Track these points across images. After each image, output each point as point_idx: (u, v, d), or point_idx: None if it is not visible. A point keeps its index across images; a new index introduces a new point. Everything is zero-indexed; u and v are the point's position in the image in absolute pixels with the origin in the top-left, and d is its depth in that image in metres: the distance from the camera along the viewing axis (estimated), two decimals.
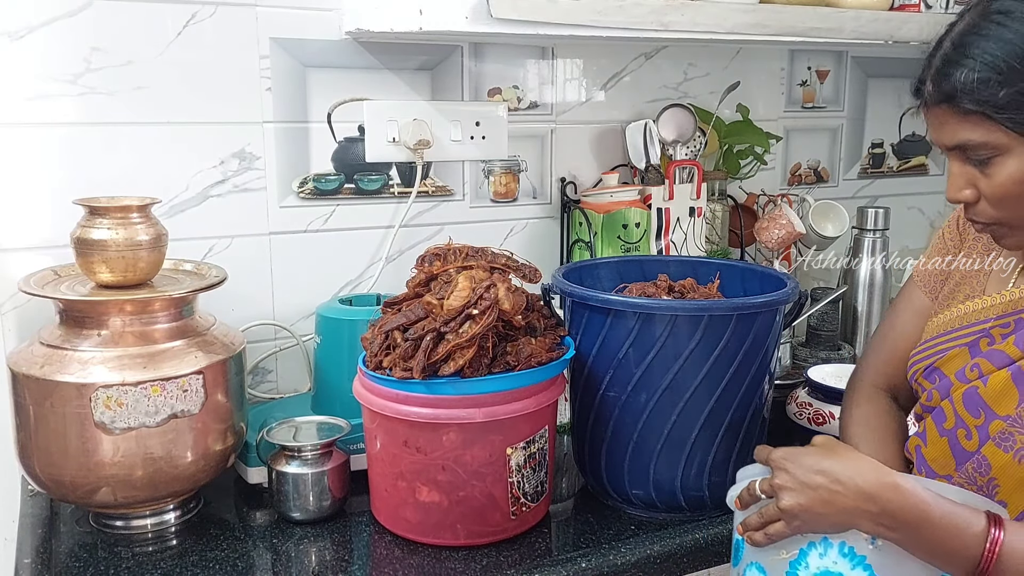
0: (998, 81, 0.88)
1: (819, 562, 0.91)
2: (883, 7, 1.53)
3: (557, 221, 1.70)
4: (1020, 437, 0.94)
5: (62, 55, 1.29)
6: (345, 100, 1.48)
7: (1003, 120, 0.89)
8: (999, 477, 0.96)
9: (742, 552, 1.00)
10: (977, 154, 0.93)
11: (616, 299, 1.20)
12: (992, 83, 0.88)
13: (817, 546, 0.92)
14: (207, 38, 1.36)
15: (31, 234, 1.31)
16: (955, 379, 1.02)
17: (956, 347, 1.03)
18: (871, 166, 2.09)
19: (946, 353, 1.04)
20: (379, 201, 1.55)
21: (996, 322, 1.01)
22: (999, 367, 0.97)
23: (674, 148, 1.66)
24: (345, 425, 1.26)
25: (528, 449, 1.15)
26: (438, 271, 1.18)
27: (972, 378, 0.99)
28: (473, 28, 1.22)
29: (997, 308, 1.01)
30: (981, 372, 0.99)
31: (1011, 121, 0.89)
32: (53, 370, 1.10)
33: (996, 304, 1.02)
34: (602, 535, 1.20)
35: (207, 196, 1.41)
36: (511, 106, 1.62)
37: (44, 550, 1.15)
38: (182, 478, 1.17)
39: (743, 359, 1.18)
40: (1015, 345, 0.97)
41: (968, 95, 0.89)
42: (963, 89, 0.90)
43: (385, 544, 1.16)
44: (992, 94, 0.88)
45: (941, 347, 1.05)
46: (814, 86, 1.95)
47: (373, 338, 1.15)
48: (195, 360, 1.15)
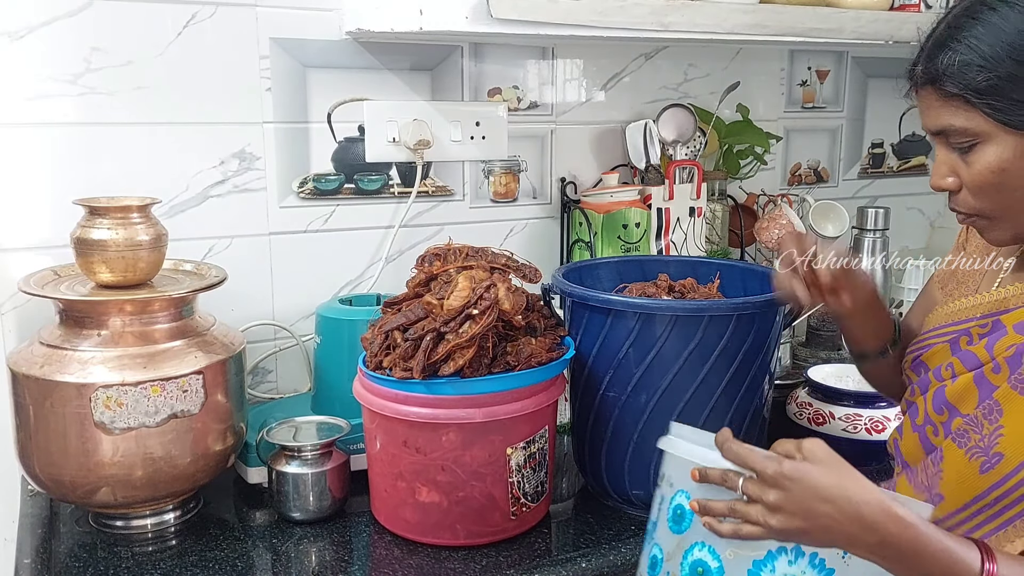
0: (979, 66, 0.87)
1: (787, 568, 0.89)
2: (883, 7, 1.53)
3: (557, 221, 1.70)
4: (975, 436, 0.95)
5: (62, 55, 1.29)
6: (345, 100, 1.49)
7: (982, 106, 0.88)
8: (947, 470, 0.97)
9: (687, 522, 0.94)
10: (958, 140, 0.92)
11: (616, 299, 1.20)
12: (973, 67, 0.87)
13: (788, 552, 0.89)
14: (207, 38, 1.36)
15: (31, 234, 1.31)
16: (933, 377, 1.02)
17: (941, 343, 1.04)
18: (871, 166, 2.09)
19: (931, 347, 1.05)
20: (379, 201, 1.55)
21: (978, 322, 1.01)
22: (968, 369, 0.98)
23: (674, 148, 1.66)
24: (345, 425, 1.26)
25: (528, 449, 1.15)
26: (438, 271, 1.18)
27: (945, 377, 1.00)
28: (473, 28, 1.22)
29: (982, 307, 1.02)
30: (953, 372, 0.99)
31: (990, 107, 0.88)
32: (53, 370, 1.10)
33: (982, 303, 1.02)
34: (602, 535, 1.20)
35: (207, 196, 1.41)
36: (511, 106, 1.62)
37: (44, 550, 1.15)
38: (182, 478, 1.17)
39: (743, 359, 1.18)
40: (985, 348, 0.97)
41: (950, 77, 0.89)
42: (946, 71, 0.89)
43: (385, 544, 1.16)
44: (972, 78, 0.87)
45: (929, 341, 1.06)
46: (814, 86, 1.95)
47: (373, 338, 1.15)
48: (195, 360, 1.15)
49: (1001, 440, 0.93)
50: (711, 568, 0.92)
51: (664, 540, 0.97)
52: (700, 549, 0.93)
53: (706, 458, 0.93)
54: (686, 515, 0.95)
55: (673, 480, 0.97)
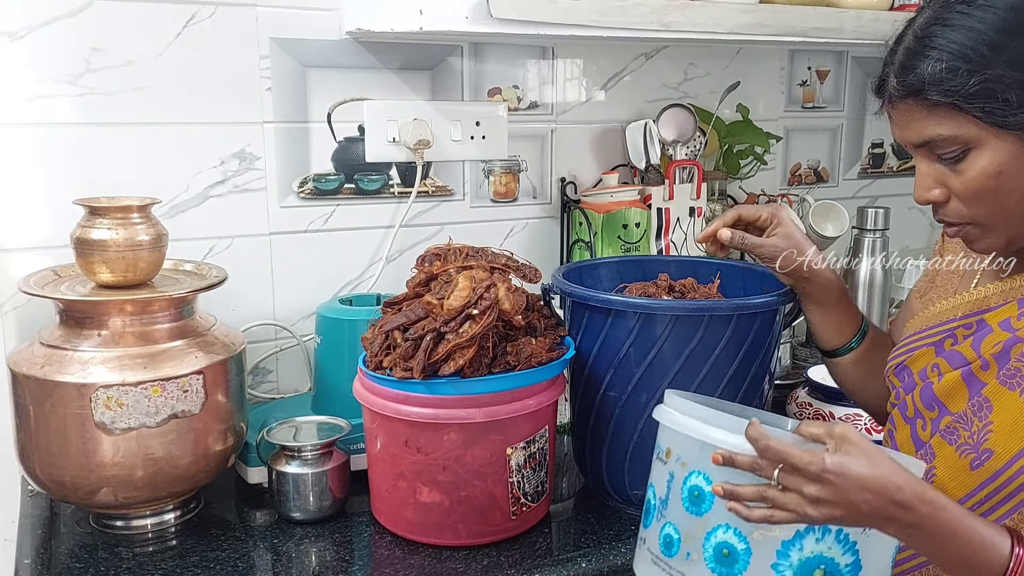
0: (967, 70, 0.86)
1: (814, 546, 0.88)
2: (883, 7, 1.54)
3: (557, 221, 1.70)
4: (964, 433, 0.96)
5: (62, 55, 1.29)
6: (345, 100, 1.48)
7: (973, 110, 0.87)
8: (938, 468, 0.98)
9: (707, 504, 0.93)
10: (946, 150, 0.90)
11: (616, 299, 1.20)
12: (961, 72, 0.86)
13: (815, 531, 0.89)
14: (207, 38, 1.36)
15: (31, 234, 1.31)
16: (918, 378, 1.03)
17: (924, 346, 1.04)
18: (871, 166, 2.09)
19: (915, 352, 1.05)
20: (379, 201, 1.55)
21: (960, 322, 1.01)
22: (954, 368, 0.98)
23: (674, 148, 1.66)
24: (345, 425, 1.26)
25: (528, 449, 1.15)
26: (438, 271, 1.18)
27: (931, 376, 1.01)
28: (473, 28, 1.22)
29: (963, 308, 1.02)
30: (939, 371, 1.00)
31: (981, 111, 0.86)
32: (53, 370, 1.10)
33: (962, 304, 1.02)
34: (602, 535, 1.20)
35: (207, 196, 1.41)
36: (511, 106, 1.62)
37: (44, 550, 1.14)
38: (182, 478, 1.17)
39: (743, 359, 1.18)
40: (971, 347, 0.97)
41: (936, 86, 0.87)
42: (931, 81, 0.87)
43: (386, 544, 1.16)
44: (962, 83, 0.86)
45: (911, 346, 1.06)
46: (814, 86, 1.95)
47: (373, 338, 1.15)
48: (195, 360, 1.15)
49: (991, 436, 0.93)
50: (738, 550, 0.90)
51: (680, 520, 0.95)
52: (725, 531, 0.91)
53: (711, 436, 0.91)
54: (705, 497, 0.93)
55: (684, 458, 0.95)
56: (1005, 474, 0.92)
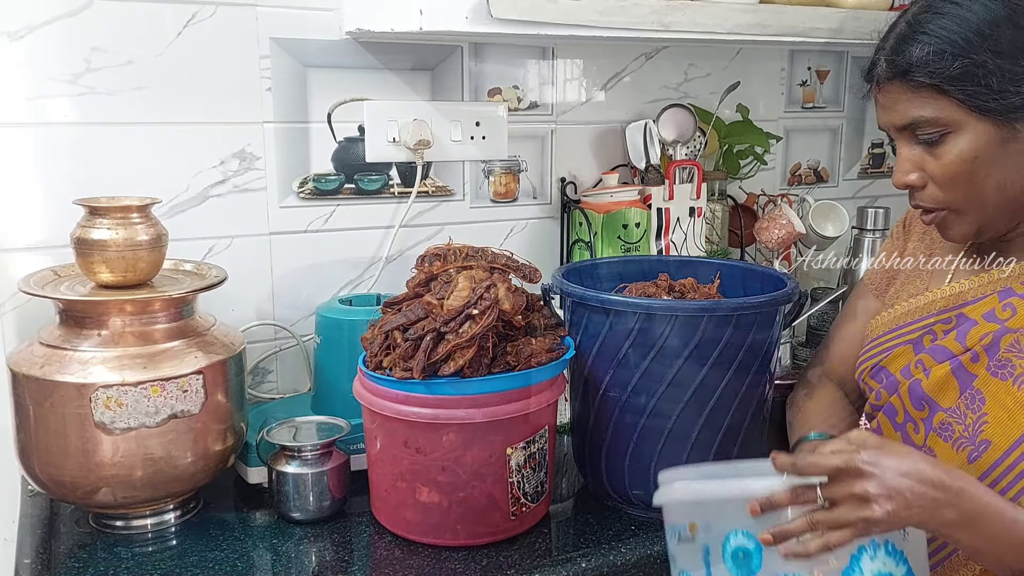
0: (952, 53, 0.89)
1: (871, 565, 0.86)
2: (883, 7, 1.53)
3: (557, 221, 1.70)
4: (958, 427, 0.96)
5: (62, 55, 1.29)
6: (345, 100, 1.48)
7: (955, 92, 0.89)
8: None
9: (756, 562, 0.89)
10: (927, 132, 0.93)
11: (616, 299, 1.20)
12: (947, 55, 0.89)
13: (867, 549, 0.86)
14: (207, 38, 1.36)
15: (31, 234, 1.31)
16: (900, 376, 1.03)
17: (901, 345, 1.04)
18: (871, 166, 2.09)
19: (891, 352, 1.05)
20: (379, 201, 1.55)
21: (938, 318, 1.02)
22: (940, 361, 0.99)
23: (674, 148, 1.66)
24: (345, 425, 1.26)
25: (528, 449, 1.15)
26: (438, 271, 1.18)
27: (916, 373, 1.01)
28: (473, 28, 1.22)
29: (939, 303, 1.03)
30: (924, 367, 1.00)
31: (963, 93, 0.89)
32: (53, 370, 1.10)
33: (937, 300, 1.03)
34: (602, 535, 1.20)
35: (207, 196, 1.41)
36: (511, 106, 1.62)
37: (44, 550, 1.14)
38: (182, 478, 1.17)
39: (743, 359, 1.18)
40: (956, 340, 0.98)
41: (922, 68, 0.90)
42: (917, 63, 0.90)
43: (385, 544, 1.16)
44: (946, 66, 0.89)
45: (886, 345, 1.06)
46: (814, 86, 1.95)
47: (373, 338, 1.15)
48: (195, 360, 1.15)
49: (986, 427, 0.94)
50: None
51: None
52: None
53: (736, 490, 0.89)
54: (751, 554, 0.90)
55: (713, 526, 0.92)
56: (1004, 463, 0.92)
